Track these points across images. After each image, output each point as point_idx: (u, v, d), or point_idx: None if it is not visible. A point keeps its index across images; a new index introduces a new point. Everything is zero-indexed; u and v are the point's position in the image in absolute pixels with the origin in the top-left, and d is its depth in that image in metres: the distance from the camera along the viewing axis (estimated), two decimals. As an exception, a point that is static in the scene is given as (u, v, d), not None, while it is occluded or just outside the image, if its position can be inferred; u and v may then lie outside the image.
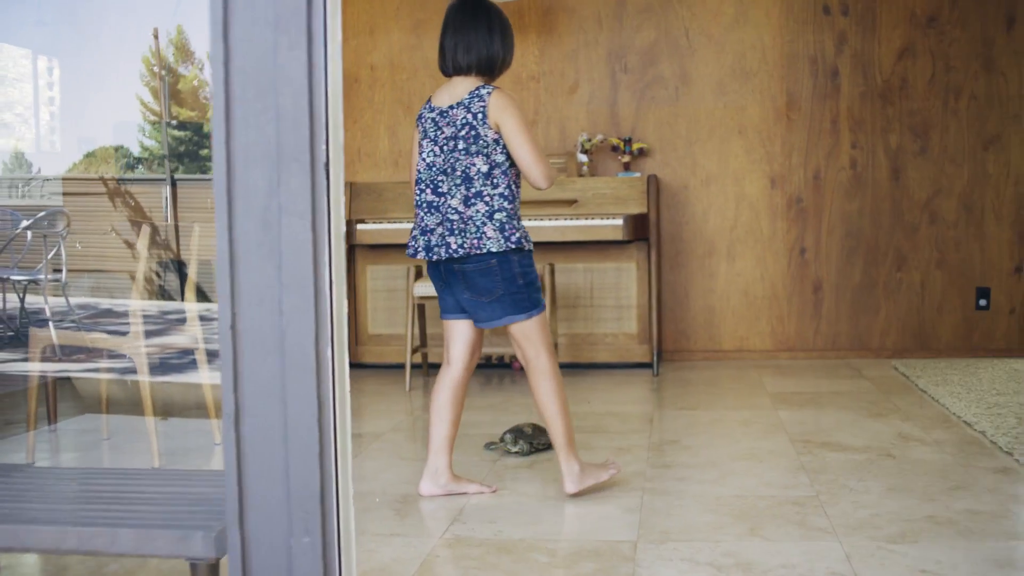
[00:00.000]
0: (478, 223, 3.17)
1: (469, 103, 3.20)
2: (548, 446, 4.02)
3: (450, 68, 3.29)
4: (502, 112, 3.17)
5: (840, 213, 6.17)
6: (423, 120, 3.30)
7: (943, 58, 6.08)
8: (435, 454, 3.40)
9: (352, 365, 6.26)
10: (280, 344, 1.61)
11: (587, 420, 4.56)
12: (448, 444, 3.41)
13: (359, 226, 5.90)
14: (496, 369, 6.13)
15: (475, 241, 3.16)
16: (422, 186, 3.27)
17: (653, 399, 5.06)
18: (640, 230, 5.76)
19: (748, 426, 4.35)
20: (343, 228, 1.70)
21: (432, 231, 3.23)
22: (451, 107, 3.23)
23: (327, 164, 1.60)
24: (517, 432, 3.97)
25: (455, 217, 3.19)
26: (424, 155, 3.27)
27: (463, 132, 3.19)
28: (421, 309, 5.73)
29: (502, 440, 3.97)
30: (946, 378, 5.30)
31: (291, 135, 1.58)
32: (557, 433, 3.30)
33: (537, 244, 5.92)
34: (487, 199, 3.18)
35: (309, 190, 1.58)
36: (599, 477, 3.36)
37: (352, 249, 6.15)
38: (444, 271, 3.29)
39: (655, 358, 5.79)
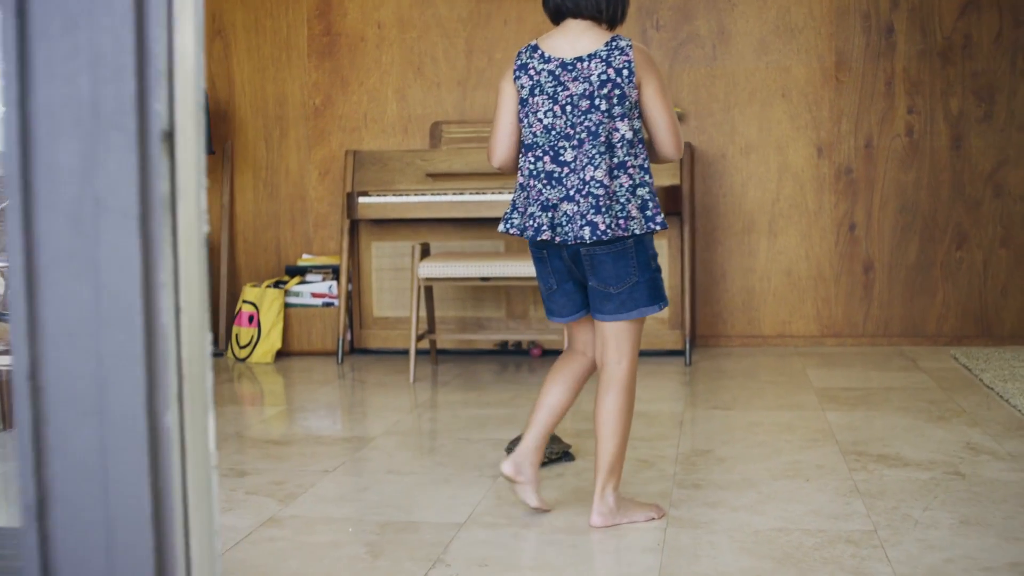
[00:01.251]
0: (622, 200, 2.67)
1: (608, 56, 2.68)
2: (562, 455, 3.49)
3: (567, 7, 2.74)
4: (647, 70, 2.70)
5: (894, 185, 5.57)
6: (532, 72, 2.73)
7: (1012, 12, 5.44)
8: (526, 441, 2.88)
9: (355, 351, 5.75)
10: (98, 405, 1.08)
11: (607, 422, 4.02)
12: (545, 430, 2.90)
13: (361, 199, 5.36)
14: (512, 356, 5.59)
15: (621, 221, 2.66)
16: (538, 152, 2.72)
17: (684, 395, 4.51)
18: (672, 203, 5.20)
19: (791, 432, 3.79)
20: (204, 229, 1.16)
21: (555, 207, 2.69)
22: (579, 59, 2.69)
23: (169, 134, 1.07)
24: (525, 439, 3.44)
25: (599, 192, 2.64)
26: (540, 115, 2.72)
27: (604, 91, 2.66)
28: (428, 291, 5.20)
29: (508, 450, 3.44)
30: (1014, 372, 4.71)
31: (110, 90, 1.05)
32: (605, 455, 2.78)
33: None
34: (630, 171, 2.68)
35: (136, 174, 1.05)
36: (633, 517, 2.81)
37: (355, 225, 5.62)
38: (569, 256, 2.76)
39: (687, 346, 5.24)
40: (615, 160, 2.66)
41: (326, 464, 3.51)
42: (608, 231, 2.62)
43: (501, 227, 2.76)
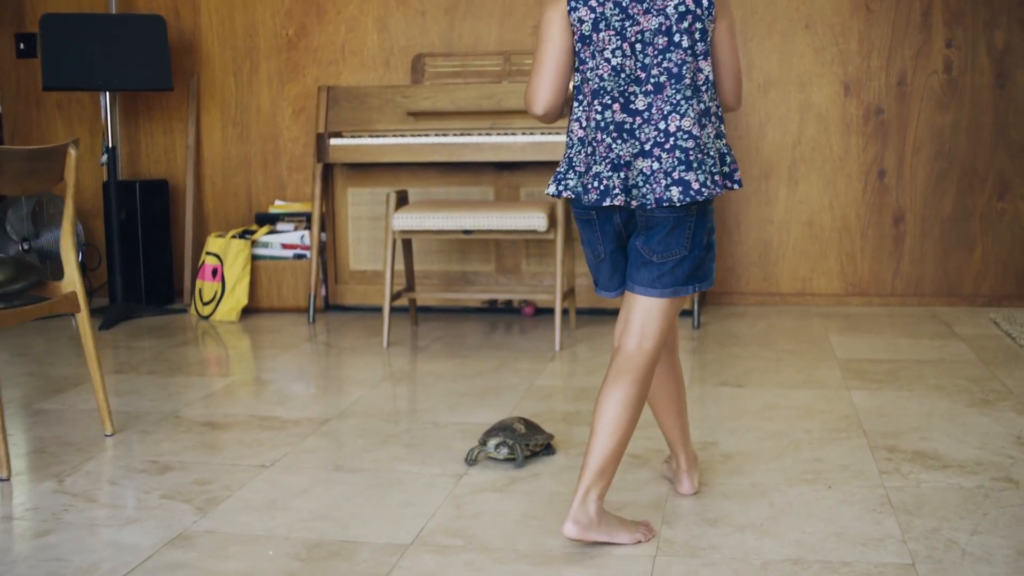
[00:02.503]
0: (712, 152, 2.28)
1: None
2: (543, 448, 2.98)
3: None
4: (724, 4, 2.31)
5: (929, 128, 4.99)
6: (594, 3, 2.27)
7: (1068, -69, 4.82)
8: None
9: (331, 307, 5.23)
10: None
11: (599, 402, 3.51)
12: (682, 438, 2.60)
13: (334, 141, 4.81)
14: (502, 315, 5.06)
15: (717, 177, 2.28)
16: (605, 100, 2.27)
17: (690, 366, 3.97)
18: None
19: (811, 418, 3.26)
20: None
21: (629, 165, 2.25)
22: None
23: None
24: (505, 432, 2.92)
25: (689, 144, 2.23)
26: (608, 54, 2.27)
27: (684, 24, 2.25)
28: (407, 244, 4.67)
29: (483, 444, 2.92)
30: (1064, 341, 4.16)
31: None
32: (598, 454, 2.28)
33: (546, 164, 4.83)
34: (714, 119, 2.31)
35: None
36: (615, 537, 2.31)
37: (329, 169, 5.07)
38: (622, 219, 2.32)
39: (696, 305, 4.70)
40: (701, 106, 2.27)
41: (265, 456, 3.00)
42: (704, 189, 2.23)
43: (552, 190, 2.35)
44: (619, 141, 2.25)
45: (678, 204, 2.22)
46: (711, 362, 4.05)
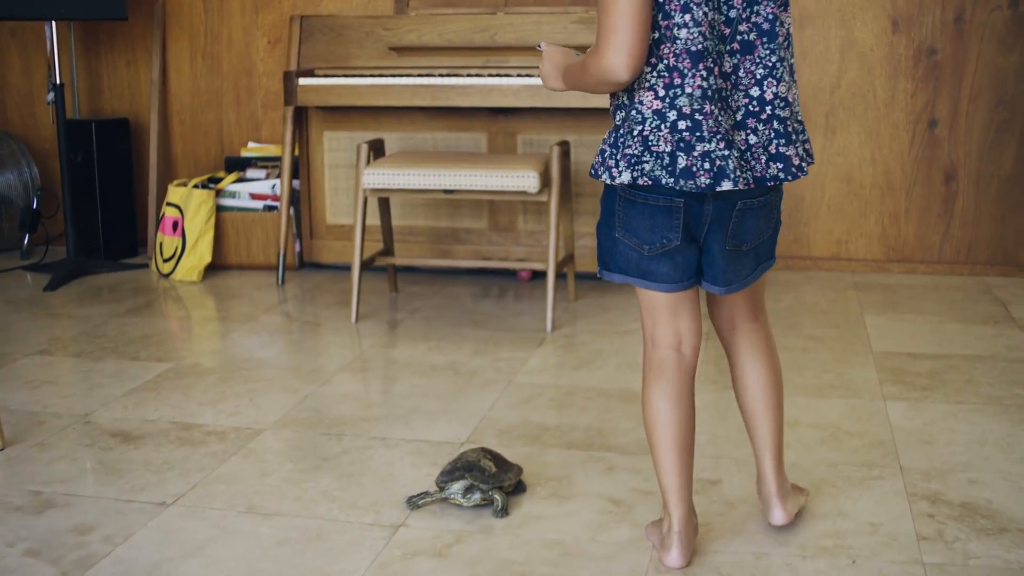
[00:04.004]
0: (801, 120, 1.99)
1: None
2: (515, 487, 2.44)
3: None
4: None
5: (990, 72, 4.32)
6: None
7: None
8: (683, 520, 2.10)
9: (306, 265, 4.68)
10: None
11: (593, 403, 2.94)
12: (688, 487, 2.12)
13: (303, 81, 4.21)
14: (496, 278, 4.49)
15: (808, 147, 2.00)
16: (708, 63, 1.85)
17: (701, 358, 3.39)
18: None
19: (838, 444, 2.70)
20: None
21: (730, 142, 1.86)
22: None
23: None
24: (473, 472, 2.36)
25: (785, 113, 1.92)
26: (694, 9, 1.83)
27: None
28: (384, 202, 4.09)
29: (442, 489, 2.37)
30: None
31: None
32: (778, 432, 2.24)
33: (545, 111, 4.23)
34: (796, 83, 1.98)
35: None
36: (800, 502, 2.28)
37: (302, 111, 4.48)
38: (714, 209, 1.93)
39: (712, 276, 4.10)
40: (788, 66, 1.93)
41: (170, 488, 2.48)
42: (804, 165, 1.95)
43: (624, 177, 1.88)
44: (721, 114, 1.86)
45: (780, 182, 1.92)
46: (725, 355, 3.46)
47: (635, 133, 1.87)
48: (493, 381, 3.21)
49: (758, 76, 1.87)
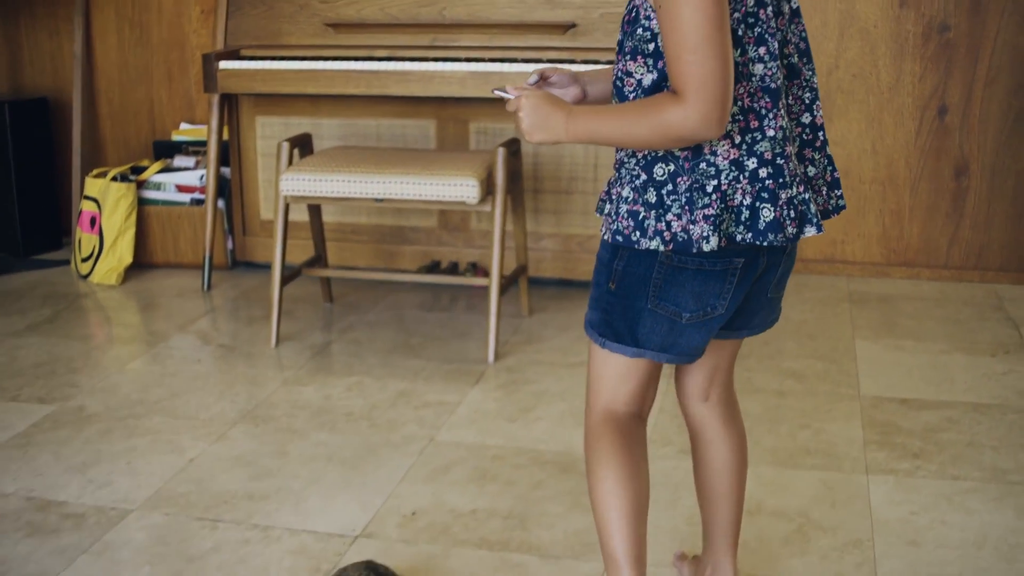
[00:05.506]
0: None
1: None
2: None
3: None
4: None
5: (1010, 52, 3.78)
6: None
7: None
8: None
9: (239, 264, 4.22)
10: None
11: (523, 474, 2.48)
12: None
13: (224, 64, 3.72)
14: (445, 288, 4.01)
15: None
16: (778, 104, 1.59)
17: (663, 386, 2.93)
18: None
19: (804, 541, 2.23)
20: None
21: (808, 183, 1.65)
22: None
23: None
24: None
25: (826, 147, 1.72)
26: (769, 40, 1.57)
27: None
28: (316, 209, 3.61)
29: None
30: None
31: None
32: (737, 517, 1.95)
33: (490, 111, 3.74)
34: None
35: None
36: None
37: (231, 94, 3.99)
38: (768, 260, 1.67)
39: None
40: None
41: (-18, 614, 2.05)
42: (841, 206, 1.76)
43: (711, 244, 1.56)
44: (796, 151, 1.65)
45: (842, 211, 1.74)
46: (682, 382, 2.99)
47: (709, 189, 1.55)
48: (412, 438, 2.76)
49: (807, 101, 1.65)
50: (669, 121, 1.47)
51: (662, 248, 1.57)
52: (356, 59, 3.62)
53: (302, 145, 3.47)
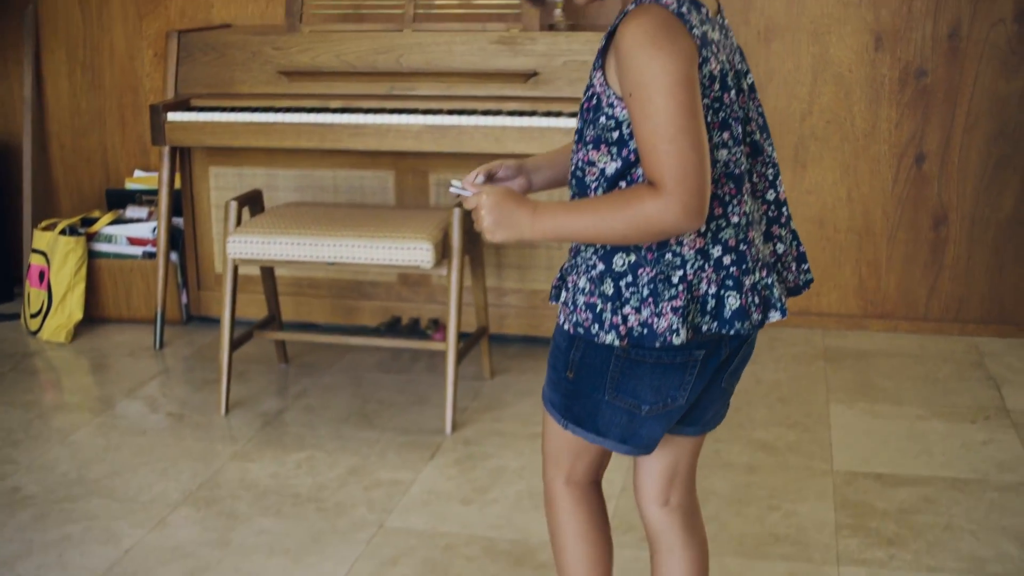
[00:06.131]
0: None
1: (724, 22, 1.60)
2: None
3: None
4: None
5: (989, 98, 3.65)
6: (713, 47, 1.50)
7: None
8: None
9: (192, 319, 4.07)
10: None
11: (472, 568, 2.35)
12: None
13: (172, 116, 3.57)
14: (403, 354, 3.85)
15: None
16: (742, 189, 1.55)
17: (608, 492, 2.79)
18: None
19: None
20: None
21: (771, 265, 1.61)
22: (720, 13, 1.58)
23: None
24: None
25: (790, 222, 1.66)
26: (733, 125, 1.52)
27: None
28: (269, 268, 3.47)
29: None
30: None
31: None
32: None
33: (458, 156, 3.61)
34: None
35: None
36: None
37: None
38: (732, 348, 1.63)
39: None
40: None
41: None
42: (809, 280, 1.72)
43: (679, 337, 1.51)
44: (757, 232, 1.58)
45: (810, 285, 1.70)
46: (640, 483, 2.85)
47: (675, 280, 1.51)
48: (361, 524, 2.61)
49: (770, 177, 1.61)
50: (649, 215, 1.42)
51: (617, 343, 1.51)
52: (309, 110, 3.47)
53: (253, 202, 3.33)
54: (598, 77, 1.51)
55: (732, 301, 1.52)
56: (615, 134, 1.49)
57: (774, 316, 1.57)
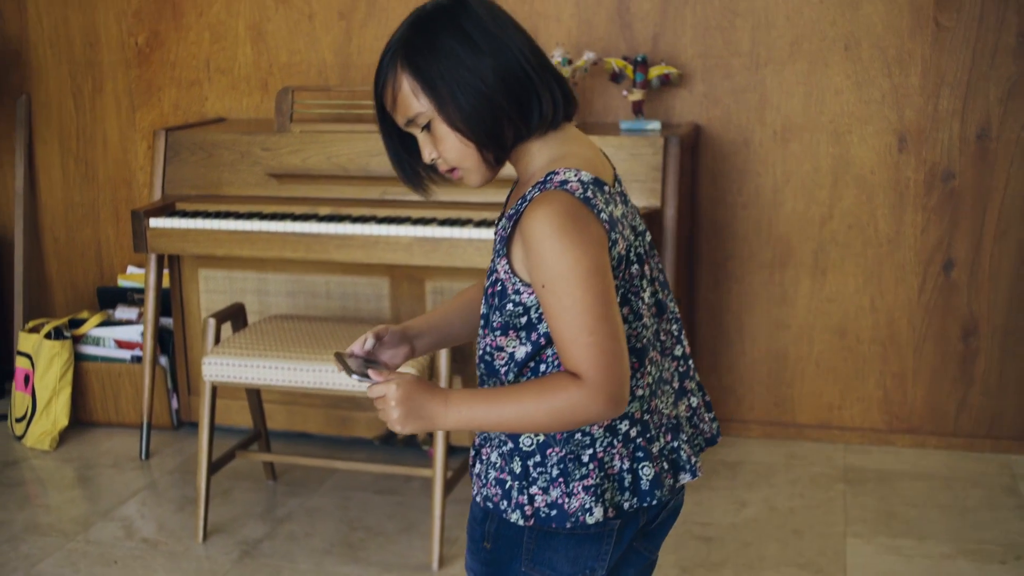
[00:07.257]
0: None
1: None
2: None
3: (564, 110, 1.54)
4: None
5: (1021, 202, 3.44)
6: (620, 226, 1.47)
7: None
8: None
9: (183, 425, 3.90)
10: None
11: None
12: None
13: (154, 222, 3.42)
14: (402, 455, 3.66)
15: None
16: (645, 361, 1.52)
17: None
18: (653, 230, 3.17)
19: None
20: None
21: (676, 427, 1.58)
22: (619, 182, 1.57)
23: None
24: None
25: (696, 374, 1.65)
26: (632, 300, 1.50)
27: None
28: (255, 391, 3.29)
29: None
30: None
31: None
32: None
33: (447, 270, 3.43)
34: None
35: None
36: None
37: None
38: (651, 517, 1.58)
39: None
40: None
41: None
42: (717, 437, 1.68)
43: (595, 516, 1.48)
44: (665, 396, 1.57)
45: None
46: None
47: (585, 459, 1.49)
48: None
49: (675, 333, 1.60)
50: (574, 406, 1.40)
51: (522, 523, 1.49)
52: (296, 217, 3.31)
53: (235, 317, 3.16)
54: (503, 264, 1.47)
55: (647, 471, 1.50)
56: (523, 319, 1.46)
57: (684, 478, 1.55)
